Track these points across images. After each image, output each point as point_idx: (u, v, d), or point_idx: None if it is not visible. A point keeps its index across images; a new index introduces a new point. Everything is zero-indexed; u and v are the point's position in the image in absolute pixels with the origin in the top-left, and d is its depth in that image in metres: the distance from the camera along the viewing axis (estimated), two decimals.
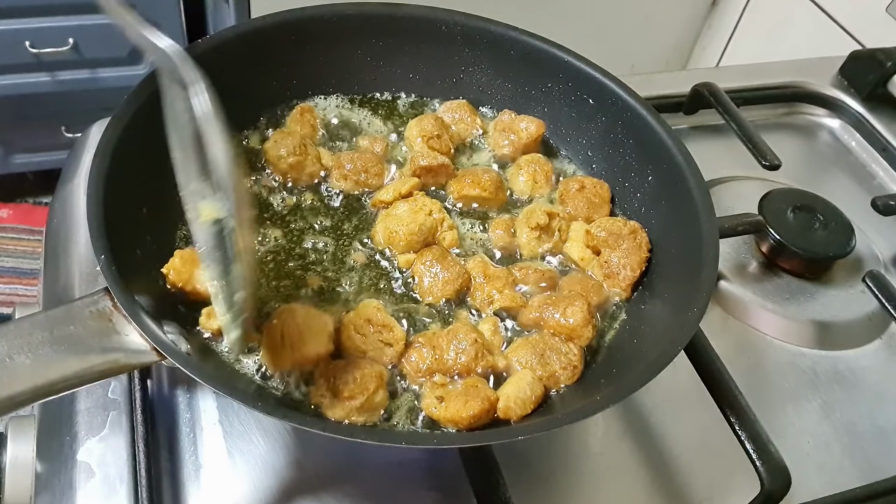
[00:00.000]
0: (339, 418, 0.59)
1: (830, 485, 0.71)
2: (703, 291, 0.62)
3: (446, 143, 0.78)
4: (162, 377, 0.69)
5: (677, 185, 0.71)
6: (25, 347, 0.51)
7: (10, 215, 2.27)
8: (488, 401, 0.60)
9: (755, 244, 0.90)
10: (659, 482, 0.70)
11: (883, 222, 0.96)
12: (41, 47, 1.82)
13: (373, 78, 0.83)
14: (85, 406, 0.67)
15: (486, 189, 0.75)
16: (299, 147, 0.73)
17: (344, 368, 0.60)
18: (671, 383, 0.66)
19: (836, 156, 1.09)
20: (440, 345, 0.63)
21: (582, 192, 0.77)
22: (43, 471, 0.65)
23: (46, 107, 1.98)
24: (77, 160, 0.88)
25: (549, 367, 0.64)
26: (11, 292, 2.11)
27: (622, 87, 0.77)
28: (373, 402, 0.60)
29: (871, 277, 0.85)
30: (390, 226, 0.70)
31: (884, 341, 0.85)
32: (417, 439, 0.59)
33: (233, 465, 0.65)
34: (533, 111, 0.82)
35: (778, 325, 0.83)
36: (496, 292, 0.68)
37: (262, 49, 0.76)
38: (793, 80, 1.12)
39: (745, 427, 0.65)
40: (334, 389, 0.59)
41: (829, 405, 0.78)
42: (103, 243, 0.56)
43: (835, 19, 1.53)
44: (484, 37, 0.81)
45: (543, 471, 0.69)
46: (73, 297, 0.74)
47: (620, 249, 0.72)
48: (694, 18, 1.93)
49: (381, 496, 0.65)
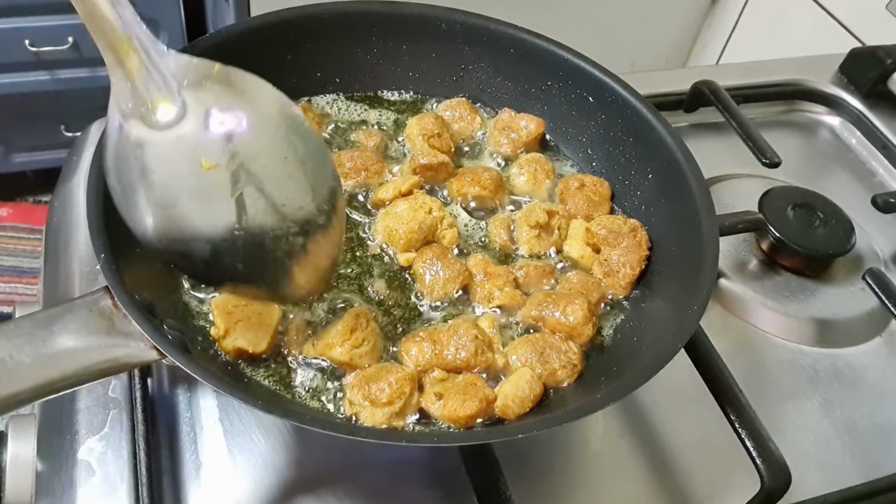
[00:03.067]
0: (380, 425, 0.59)
1: (831, 482, 0.71)
2: (703, 289, 0.62)
3: (447, 141, 0.78)
4: (162, 375, 0.69)
5: (677, 182, 0.71)
6: (26, 346, 0.51)
7: (10, 214, 2.27)
8: (486, 400, 0.60)
9: (755, 242, 0.90)
10: (659, 480, 0.70)
11: (883, 220, 0.96)
12: (41, 46, 1.82)
13: (372, 76, 0.83)
14: (85, 405, 0.67)
15: (486, 187, 0.75)
16: None
17: (376, 376, 0.60)
18: (671, 381, 0.66)
19: (837, 153, 1.09)
20: (440, 340, 0.63)
21: (582, 190, 0.77)
22: (43, 469, 0.65)
23: (46, 105, 1.98)
24: (77, 159, 0.88)
25: (549, 366, 0.64)
26: (11, 291, 2.11)
27: (622, 85, 0.77)
28: (409, 404, 0.60)
29: (871, 275, 0.85)
30: (390, 224, 0.70)
31: (884, 339, 0.85)
32: (418, 437, 0.59)
33: (233, 463, 0.65)
34: (533, 109, 0.82)
35: (778, 323, 0.83)
36: (496, 290, 0.68)
37: (262, 47, 0.76)
38: (793, 78, 1.12)
39: (745, 425, 0.65)
40: (371, 398, 0.59)
41: (829, 403, 0.78)
42: (103, 242, 0.56)
43: (835, 16, 1.53)
44: (484, 35, 0.81)
45: (544, 468, 0.69)
46: (74, 295, 0.74)
47: (620, 247, 0.72)
48: (694, 16, 1.93)
49: (382, 494, 0.65)
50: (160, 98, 0.53)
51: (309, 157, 0.56)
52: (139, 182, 0.53)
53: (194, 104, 0.53)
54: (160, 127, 0.53)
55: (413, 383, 0.60)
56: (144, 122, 0.52)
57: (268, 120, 0.55)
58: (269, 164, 0.55)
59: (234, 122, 0.54)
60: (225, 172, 0.54)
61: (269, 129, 0.55)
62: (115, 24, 0.50)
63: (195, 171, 0.53)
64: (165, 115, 0.53)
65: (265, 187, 0.55)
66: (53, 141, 2.06)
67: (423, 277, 0.69)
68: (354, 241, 0.72)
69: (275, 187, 0.55)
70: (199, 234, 0.55)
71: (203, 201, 0.54)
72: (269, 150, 0.55)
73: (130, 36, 0.51)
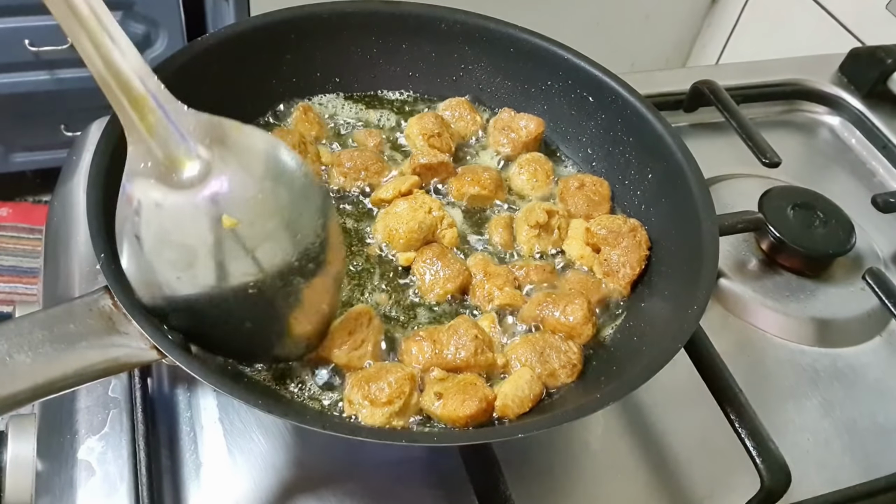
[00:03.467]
0: (380, 424, 0.59)
1: (830, 482, 0.71)
2: (703, 289, 0.62)
3: (447, 141, 0.78)
4: (162, 375, 0.69)
5: (677, 182, 0.71)
6: (25, 346, 0.51)
7: (10, 214, 2.27)
8: (486, 400, 0.60)
9: (755, 242, 0.90)
10: (659, 479, 0.70)
11: (883, 220, 0.96)
12: (41, 46, 1.82)
13: (372, 76, 0.83)
14: (85, 404, 0.67)
15: (486, 187, 0.75)
16: (298, 145, 0.73)
17: (376, 375, 0.60)
18: (671, 381, 0.66)
19: (837, 153, 1.09)
20: (440, 339, 0.63)
21: (582, 190, 0.77)
22: (43, 469, 0.65)
23: (46, 105, 1.97)
24: (77, 159, 0.88)
25: (549, 366, 0.64)
26: (11, 291, 2.11)
27: (622, 85, 0.77)
28: (409, 404, 0.60)
29: (871, 275, 0.85)
30: (390, 224, 0.70)
31: (884, 338, 0.85)
32: (418, 437, 0.59)
33: (233, 463, 0.65)
34: (532, 109, 0.82)
35: (778, 323, 0.83)
36: (496, 290, 0.68)
37: (262, 47, 0.76)
38: (793, 78, 1.12)
39: (745, 424, 0.65)
40: (371, 397, 0.59)
41: (829, 402, 0.78)
42: (103, 241, 0.56)
43: (835, 16, 1.53)
44: (484, 35, 0.81)
45: (544, 468, 0.69)
46: (73, 295, 0.74)
47: (620, 247, 0.72)
48: (694, 16, 1.93)
49: (382, 494, 0.65)
50: (181, 156, 0.53)
51: (299, 196, 0.57)
52: (157, 244, 0.53)
53: (219, 162, 0.54)
54: (182, 186, 0.53)
55: (412, 383, 0.60)
56: (164, 182, 0.53)
57: (267, 170, 0.56)
58: (275, 213, 0.56)
59: (249, 177, 0.55)
60: (247, 228, 0.54)
61: (269, 179, 0.56)
62: (135, 84, 0.51)
63: (216, 229, 0.54)
64: (188, 172, 0.53)
65: (277, 237, 0.56)
66: (53, 141, 2.06)
67: (423, 277, 0.69)
68: (355, 241, 0.72)
69: (281, 236, 0.56)
70: (214, 295, 0.55)
71: (223, 259, 0.55)
72: (273, 197, 0.56)
73: (146, 96, 0.51)
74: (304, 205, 0.57)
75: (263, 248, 0.55)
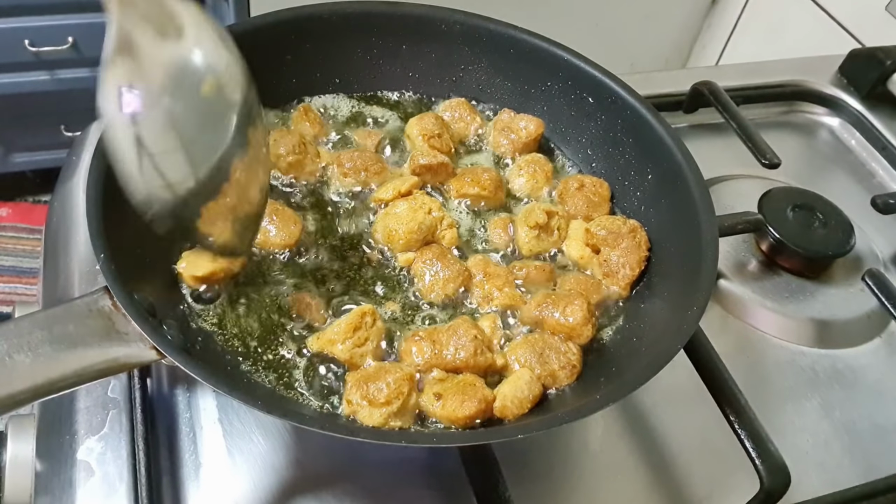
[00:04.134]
0: (378, 425, 0.59)
1: (830, 483, 0.71)
2: (703, 290, 0.62)
3: (447, 141, 0.78)
4: (161, 376, 0.69)
5: (677, 183, 0.71)
6: (25, 346, 0.51)
7: (10, 214, 2.27)
8: (485, 401, 0.60)
9: (755, 243, 0.90)
10: (658, 480, 0.70)
11: (882, 221, 0.96)
12: (41, 46, 1.82)
13: (372, 76, 0.83)
14: (85, 405, 0.67)
15: (486, 188, 0.75)
16: (298, 146, 0.73)
17: (375, 375, 0.60)
18: (671, 382, 0.66)
19: (836, 154, 1.09)
20: (440, 340, 0.63)
21: (581, 191, 0.77)
22: (43, 469, 0.65)
23: (46, 105, 1.98)
24: (76, 159, 0.88)
25: (549, 366, 0.64)
26: (11, 291, 2.11)
27: (622, 86, 0.77)
28: (408, 405, 0.60)
29: (870, 276, 0.85)
30: (390, 224, 0.70)
31: (883, 340, 0.85)
32: (417, 438, 0.59)
33: (232, 463, 0.65)
34: (532, 110, 0.82)
35: (777, 324, 0.83)
36: (496, 290, 0.68)
37: (262, 48, 0.76)
38: (792, 79, 1.12)
39: (744, 425, 0.65)
40: (369, 397, 0.59)
41: (828, 404, 0.78)
42: (102, 242, 0.56)
43: (834, 18, 1.53)
44: (483, 35, 0.81)
45: (543, 469, 0.69)
46: (73, 295, 0.74)
47: (620, 248, 0.72)
48: (694, 17, 1.93)
49: (381, 495, 0.65)
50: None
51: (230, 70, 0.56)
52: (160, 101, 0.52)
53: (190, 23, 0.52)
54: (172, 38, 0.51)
55: (411, 383, 0.60)
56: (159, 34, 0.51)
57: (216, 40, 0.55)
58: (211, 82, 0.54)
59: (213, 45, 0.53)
60: (216, 96, 0.53)
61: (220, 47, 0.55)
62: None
63: (197, 94, 0.53)
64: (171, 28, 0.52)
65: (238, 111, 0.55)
66: (53, 141, 2.06)
67: (423, 277, 0.69)
68: (355, 241, 0.72)
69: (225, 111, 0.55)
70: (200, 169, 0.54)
71: (207, 129, 0.54)
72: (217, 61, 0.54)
73: None
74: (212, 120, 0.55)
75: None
